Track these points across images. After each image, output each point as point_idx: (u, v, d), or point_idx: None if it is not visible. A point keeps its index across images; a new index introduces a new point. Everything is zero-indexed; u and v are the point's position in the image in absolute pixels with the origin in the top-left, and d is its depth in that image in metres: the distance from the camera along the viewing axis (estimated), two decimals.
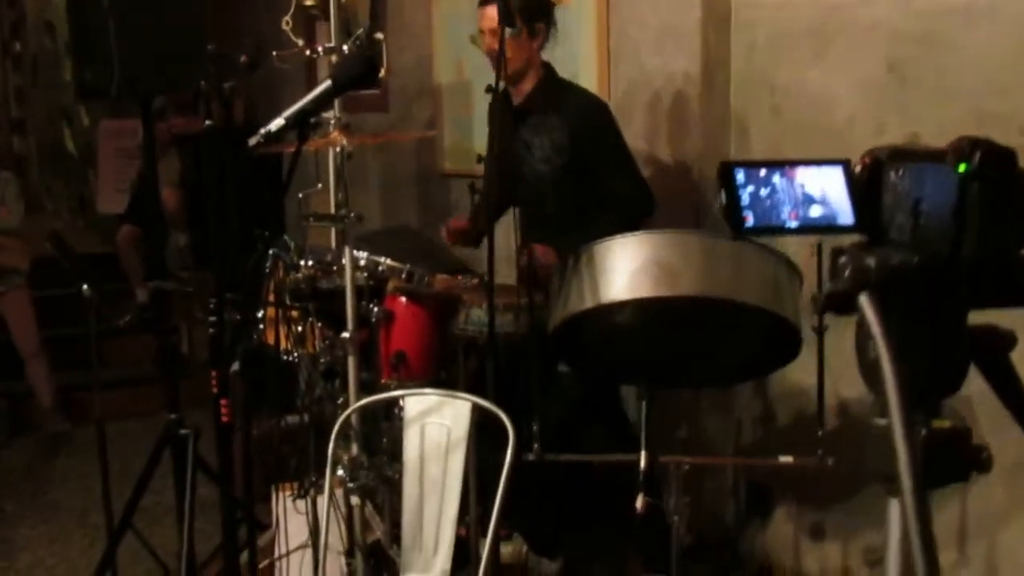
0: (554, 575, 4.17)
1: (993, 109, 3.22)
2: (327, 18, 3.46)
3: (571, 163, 3.71)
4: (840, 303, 1.11)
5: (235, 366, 2.90)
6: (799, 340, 3.02)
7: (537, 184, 3.76)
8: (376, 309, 3.39)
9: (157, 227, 7.18)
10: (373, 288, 3.47)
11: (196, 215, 6.18)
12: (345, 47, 3.11)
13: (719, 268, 2.93)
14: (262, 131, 2.33)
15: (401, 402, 3.36)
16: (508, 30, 3.30)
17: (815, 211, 1.19)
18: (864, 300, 1.11)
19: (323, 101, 2.38)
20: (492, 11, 3.75)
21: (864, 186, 1.20)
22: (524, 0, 3.75)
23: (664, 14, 4.26)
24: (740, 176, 1.17)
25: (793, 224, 1.20)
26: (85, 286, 3.92)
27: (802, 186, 1.20)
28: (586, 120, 3.73)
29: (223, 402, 3.14)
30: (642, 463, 3.03)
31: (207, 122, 3.13)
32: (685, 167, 4.27)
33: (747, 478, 4.26)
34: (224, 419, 3.14)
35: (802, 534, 4.06)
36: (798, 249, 3.15)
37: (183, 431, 4.15)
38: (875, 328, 1.09)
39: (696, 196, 4.19)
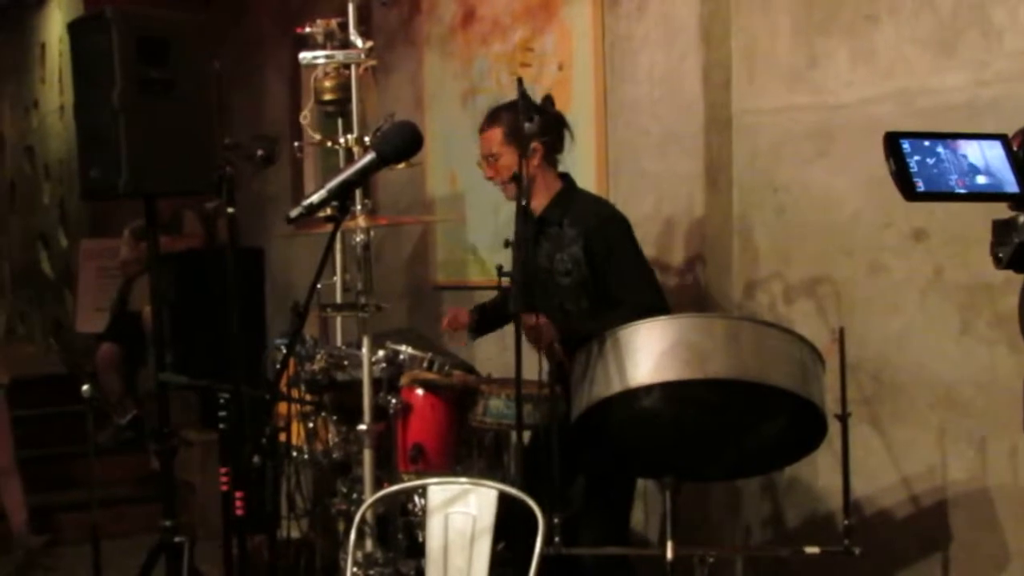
0: None
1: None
2: (343, 114, 3.52)
3: (590, 275, 3.62)
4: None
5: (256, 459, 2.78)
6: (825, 426, 3.01)
7: (557, 294, 3.68)
8: (394, 401, 3.33)
9: (137, 345, 7.15)
10: (388, 381, 3.41)
11: (182, 331, 6.12)
12: (367, 138, 3.13)
13: (747, 350, 2.93)
14: (304, 202, 2.31)
15: (417, 496, 3.31)
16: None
17: (981, 180, 1.21)
18: None
19: (367, 173, 2.36)
20: (487, 136, 3.75)
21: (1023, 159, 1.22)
22: (513, 123, 3.62)
23: (666, 122, 4.34)
24: (906, 146, 1.19)
25: (961, 191, 1.21)
26: (86, 386, 3.87)
27: (965, 157, 1.22)
28: (598, 233, 3.63)
29: (238, 494, 3.07)
30: (668, 554, 2.98)
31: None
32: (687, 270, 4.30)
33: None
34: (239, 512, 3.07)
35: None
36: (817, 336, 3.17)
37: (178, 539, 4.06)
38: None
39: (699, 297, 4.20)
